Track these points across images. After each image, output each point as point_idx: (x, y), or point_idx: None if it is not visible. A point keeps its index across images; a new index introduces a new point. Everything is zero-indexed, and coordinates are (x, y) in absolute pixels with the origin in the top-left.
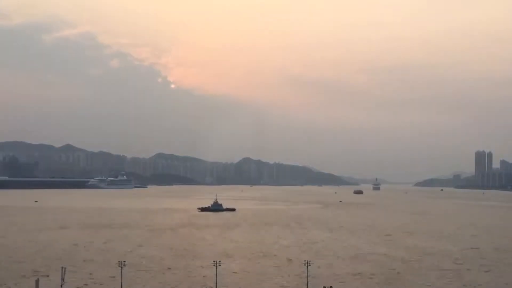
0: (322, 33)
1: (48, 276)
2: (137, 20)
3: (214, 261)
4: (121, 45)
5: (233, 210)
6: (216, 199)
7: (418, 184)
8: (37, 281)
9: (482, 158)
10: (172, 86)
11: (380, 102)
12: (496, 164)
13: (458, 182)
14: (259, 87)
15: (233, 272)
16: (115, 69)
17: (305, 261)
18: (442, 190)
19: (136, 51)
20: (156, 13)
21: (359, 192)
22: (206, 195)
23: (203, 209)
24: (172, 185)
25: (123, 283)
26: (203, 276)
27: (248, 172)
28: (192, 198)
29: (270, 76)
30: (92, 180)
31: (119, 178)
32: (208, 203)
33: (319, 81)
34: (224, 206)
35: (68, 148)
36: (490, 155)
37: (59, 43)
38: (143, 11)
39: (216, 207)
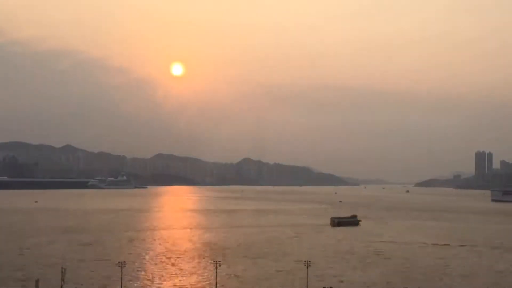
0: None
1: (48, 276)
2: (139, 45)
3: (214, 261)
4: (125, 65)
5: None
6: None
7: (418, 184)
8: (37, 282)
9: (482, 159)
10: (172, 93)
11: (380, 102)
12: (496, 165)
13: (458, 182)
14: (254, 93)
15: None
16: (120, 83)
17: (305, 261)
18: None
19: (139, 69)
20: (154, 38)
21: None
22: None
23: None
24: (172, 185)
25: (123, 283)
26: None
27: (248, 172)
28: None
29: (261, 87)
30: (92, 180)
31: (119, 178)
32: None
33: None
34: None
35: (68, 148)
36: (490, 155)
37: (72, 65)
38: (142, 37)
39: None
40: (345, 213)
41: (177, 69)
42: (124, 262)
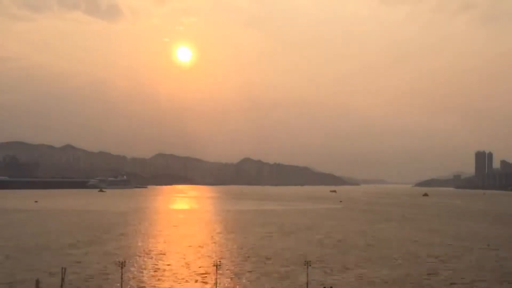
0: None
1: (48, 276)
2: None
3: (214, 261)
4: (130, 83)
5: None
6: None
7: (418, 184)
8: (37, 281)
9: (482, 158)
10: (173, 94)
11: (381, 102)
12: (496, 164)
13: (458, 182)
14: (258, 90)
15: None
16: (125, 92)
17: (305, 261)
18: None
19: (140, 73)
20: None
21: None
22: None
23: None
24: (172, 185)
25: (123, 283)
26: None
27: (248, 172)
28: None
29: (267, 81)
30: (92, 180)
31: (119, 178)
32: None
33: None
34: None
35: (68, 148)
36: (490, 155)
37: (83, 84)
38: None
39: None
40: None
41: (182, 58)
42: (124, 262)
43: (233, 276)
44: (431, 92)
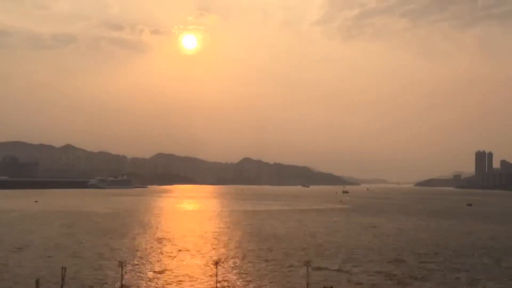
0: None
1: (48, 276)
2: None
3: (213, 260)
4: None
5: None
6: None
7: (418, 184)
8: (37, 281)
9: (482, 158)
10: (173, 93)
11: (381, 102)
12: (496, 164)
13: (458, 182)
14: (258, 87)
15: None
16: (125, 93)
17: (305, 261)
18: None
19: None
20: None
21: None
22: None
23: None
24: (172, 184)
25: (123, 283)
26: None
27: (248, 172)
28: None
29: (268, 78)
30: (93, 180)
31: (119, 178)
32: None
33: (317, 81)
34: None
35: (68, 148)
36: (490, 155)
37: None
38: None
39: None
40: None
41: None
42: (124, 262)
43: (234, 274)
44: (431, 90)
